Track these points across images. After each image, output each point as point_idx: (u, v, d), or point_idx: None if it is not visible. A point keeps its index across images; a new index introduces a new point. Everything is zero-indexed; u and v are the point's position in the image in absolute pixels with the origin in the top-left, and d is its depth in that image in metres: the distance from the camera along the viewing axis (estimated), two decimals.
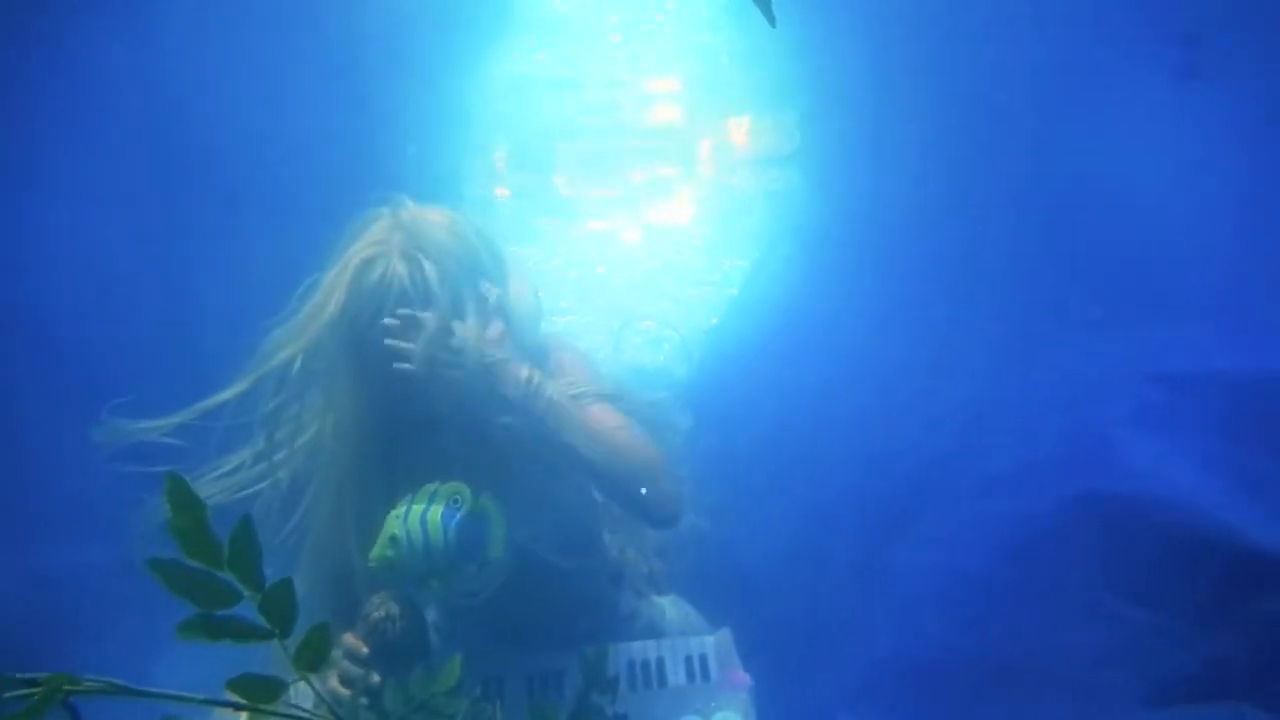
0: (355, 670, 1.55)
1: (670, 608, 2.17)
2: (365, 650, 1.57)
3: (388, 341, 1.56)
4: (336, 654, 1.58)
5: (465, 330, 1.59)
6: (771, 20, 0.78)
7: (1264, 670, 1.52)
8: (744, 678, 1.83)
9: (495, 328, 1.65)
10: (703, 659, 1.85)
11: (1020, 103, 2.20)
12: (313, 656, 0.93)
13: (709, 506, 2.03)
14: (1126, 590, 1.66)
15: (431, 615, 1.83)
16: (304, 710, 0.92)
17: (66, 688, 0.80)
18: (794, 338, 1.93)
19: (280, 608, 0.90)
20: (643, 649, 1.86)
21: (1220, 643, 1.57)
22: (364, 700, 1.48)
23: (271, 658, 0.94)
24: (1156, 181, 2.04)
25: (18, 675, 0.78)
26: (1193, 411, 1.74)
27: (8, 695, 0.77)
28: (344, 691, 1.53)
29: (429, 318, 1.57)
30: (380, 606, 1.62)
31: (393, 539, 1.54)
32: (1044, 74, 2.19)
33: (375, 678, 1.51)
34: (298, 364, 1.64)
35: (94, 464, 1.61)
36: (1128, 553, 1.68)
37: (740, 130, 3.02)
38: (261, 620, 0.90)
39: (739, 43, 2.87)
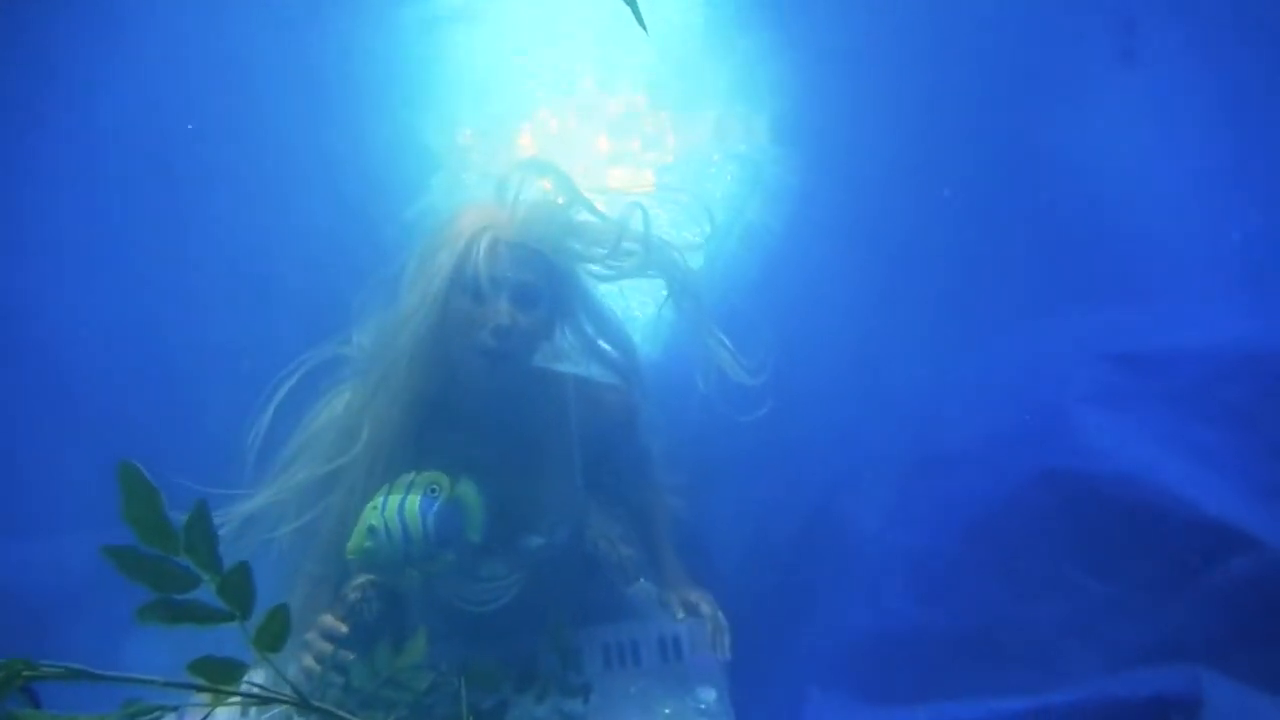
0: (328, 648, 1.58)
1: (639, 594, 2.22)
2: (343, 630, 1.60)
3: None
4: (312, 635, 1.61)
5: None
6: (644, 27, 0.80)
7: (1218, 635, 1.56)
8: (715, 657, 1.87)
9: None
10: (675, 640, 1.89)
11: (975, 84, 2.23)
12: (273, 638, 0.95)
13: (681, 488, 2.05)
14: (1086, 563, 1.69)
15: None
16: (262, 687, 0.94)
17: (25, 673, 0.81)
18: (751, 312, 1.95)
19: (239, 590, 0.92)
20: (616, 632, 1.91)
21: (1177, 611, 1.61)
22: (336, 679, 1.51)
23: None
24: (1111, 163, 2.07)
25: None
26: (1146, 388, 1.77)
27: None
28: (317, 669, 1.56)
29: None
30: (357, 589, 1.65)
31: (370, 529, 1.55)
32: (1001, 57, 2.21)
33: (348, 655, 1.53)
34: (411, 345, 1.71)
35: (77, 455, 1.62)
36: (1087, 527, 1.71)
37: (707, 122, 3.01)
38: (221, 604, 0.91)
39: (708, 30, 2.88)
